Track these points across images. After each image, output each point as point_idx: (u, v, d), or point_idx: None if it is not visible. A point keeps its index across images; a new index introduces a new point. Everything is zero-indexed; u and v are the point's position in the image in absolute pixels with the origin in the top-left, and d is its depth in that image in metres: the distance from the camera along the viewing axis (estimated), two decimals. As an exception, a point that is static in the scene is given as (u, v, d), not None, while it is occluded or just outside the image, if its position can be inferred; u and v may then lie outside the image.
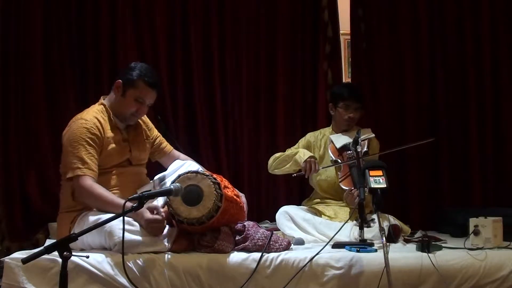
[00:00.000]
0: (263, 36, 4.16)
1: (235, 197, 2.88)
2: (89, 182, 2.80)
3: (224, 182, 2.84)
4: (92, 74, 3.89)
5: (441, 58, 4.17)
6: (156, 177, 2.97)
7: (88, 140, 2.85)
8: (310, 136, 3.75)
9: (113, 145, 2.96)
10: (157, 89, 3.02)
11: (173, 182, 2.69)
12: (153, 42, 4.01)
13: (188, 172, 2.77)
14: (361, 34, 4.22)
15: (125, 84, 2.96)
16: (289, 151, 3.58)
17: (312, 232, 3.26)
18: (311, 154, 3.42)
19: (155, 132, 3.27)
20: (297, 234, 3.21)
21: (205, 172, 2.79)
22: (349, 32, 4.32)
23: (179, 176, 2.74)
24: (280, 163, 3.53)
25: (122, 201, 2.53)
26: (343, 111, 3.58)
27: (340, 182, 3.41)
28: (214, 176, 2.79)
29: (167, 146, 3.30)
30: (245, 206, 3.03)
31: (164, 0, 4.03)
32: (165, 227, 2.74)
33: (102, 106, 3.02)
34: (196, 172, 2.76)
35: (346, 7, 4.25)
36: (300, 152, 3.44)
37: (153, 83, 2.98)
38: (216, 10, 4.09)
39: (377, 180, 2.76)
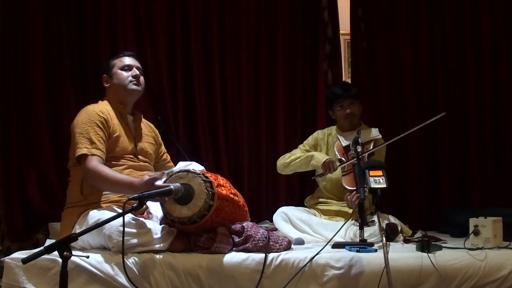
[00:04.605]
0: (263, 36, 4.17)
1: (231, 195, 2.84)
2: (95, 162, 2.82)
3: (219, 180, 2.82)
4: (92, 74, 3.89)
5: (441, 58, 4.17)
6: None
7: (97, 122, 2.93)
8: (318, 134, 3.78)
9: (120, 132, 3.02)
10: (128, 55, 3.20)
11: (164, 181, 2.70)
12: (153, 42, 4.01)
13: (179, 171, 2.76)
14: (361, 34, 4.22)
15: (107, 72, 3.17)
16: (298, 152, 3.63)
17: (309, 232, 3.27)
18: (329, 157, 3.45)
19: (163, 148, 3.38)
20: (294, 234, 3.22)
21: (195, 171, 2.77)
22: (349, 32, 4.32)
23: (170, 175, 2.74)
24: (296, 167, 3.57)
25: (131, 179, 2.74)
26: (339, 111, 3.61)
27: (343, 175, 3.44)
28: (208, 174, 2.77)
29: (170, 163, 3.38)
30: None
31: (164, 0, 4.04)
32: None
33: (106, 101, 3.12)
34: (187, 171, 2.74)
35: (346, 7, 4.25)
36: (315, 157, 3.46)
37: (121, 53, 3.24)
38: (216, 10, 4.10)
39: (377, 180, 2.75)
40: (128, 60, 3.16)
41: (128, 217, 2.68)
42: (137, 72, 3.14)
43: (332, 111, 3.68)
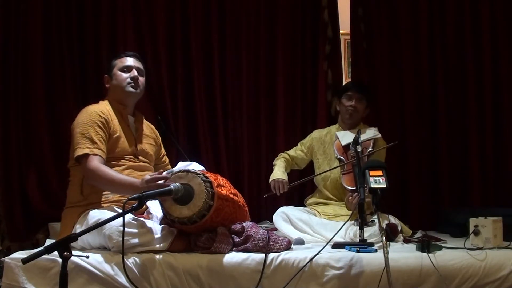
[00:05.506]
0: (263, 36, 4.16)
1: (231, 195, 2.84)
2: (96, 162, 2.83)
3: (219, 180, 2.82)
4: (92, 74, 3.89)
5: (441, 58, 4.16)
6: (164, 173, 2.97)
7: (98, 122, 2.94)
8: (315, 133, 3.80)
9: (120, 133, 3.03)
10: (130, 55, 3.21)
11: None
12: (153, 42, 4.00)
13: (179, 171, 2.76)
14: (361, 34, 4.22)
15: (108, 72, 3.20)
16: (292, 152, 3.79)
17: (309, 232, 3.27)
18: (280, 177, 3.55)
19: (163, 150, 3.40)
20: (294, 234, 3.22)
21: (195, 171, 2.77)
22: (349, 32, 4.32)
23: (170, 176, 2.73)
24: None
25: (132, 179, 2.74)
26: (345, 101, 3.65)
27: (342, 174, 3.44)
28: (208, 174, 2.77)
29: (168, 165, 3.39)
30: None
31: (164, 0, 4.04)
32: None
33: (107, 101, 3.12)
34: (187, 171, 2.74)
35: (346, 7, 4.25)
36: (274, 171, 3.62)
37: (123, 53, 3.25)
38: (216, 10, 4.09)
39: (377, 180, 2.75)
40: (129, 61, 3.16)
41: (129, 217, 2.68)
42: (135, 74, 3.12)
43: (339, 101, 3.72)
